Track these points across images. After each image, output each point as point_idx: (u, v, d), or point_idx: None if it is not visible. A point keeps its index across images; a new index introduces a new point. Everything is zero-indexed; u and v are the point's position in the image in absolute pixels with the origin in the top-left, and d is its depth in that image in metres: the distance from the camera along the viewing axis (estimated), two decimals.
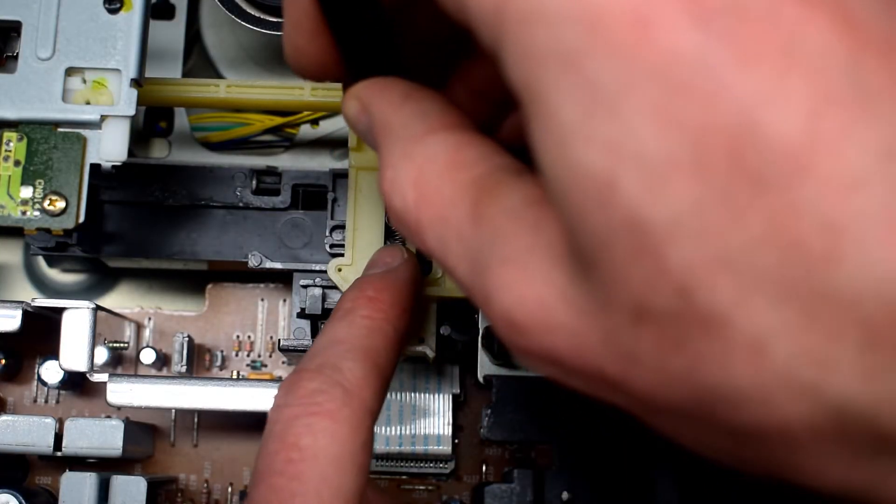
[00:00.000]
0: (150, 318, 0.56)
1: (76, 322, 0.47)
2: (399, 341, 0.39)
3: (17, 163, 0.45)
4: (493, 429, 0.44)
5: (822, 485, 0.24)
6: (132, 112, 0.45)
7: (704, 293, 0.23)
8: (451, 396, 0.52)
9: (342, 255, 0.49)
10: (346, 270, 0.49)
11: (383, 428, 0.51)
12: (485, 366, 0.46)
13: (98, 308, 0.48)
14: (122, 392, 0.47)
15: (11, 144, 0.45)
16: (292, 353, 0.50)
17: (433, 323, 0.48)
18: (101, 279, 0.59)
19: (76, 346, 0.47)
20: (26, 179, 0.45)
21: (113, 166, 0.45)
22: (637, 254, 0.23)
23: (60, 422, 0.49)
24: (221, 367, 0.56)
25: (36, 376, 0.54)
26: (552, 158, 0.25)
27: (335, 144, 0.57)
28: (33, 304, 0.48)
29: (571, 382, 0.27)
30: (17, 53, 0.46)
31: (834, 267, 0.22)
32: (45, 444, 0.48)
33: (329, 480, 0.32)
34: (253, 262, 0.51)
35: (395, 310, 0.39)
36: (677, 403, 0.25)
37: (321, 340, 0.37)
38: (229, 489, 0.54)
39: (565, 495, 0.43)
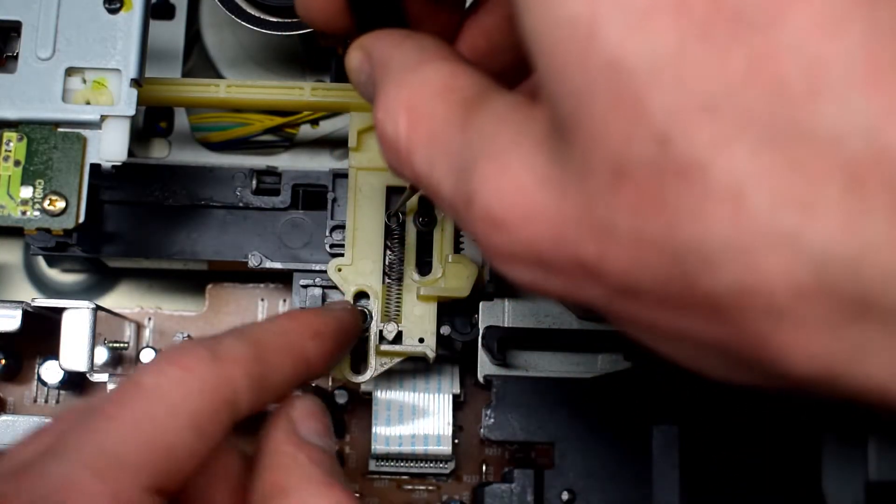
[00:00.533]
0: (150, 319, 0.56)
1: (76, 322, 0.47)
2: (298, 358, 0.37)
3: (17, 163, 0.45)
4: (493, 429, 0.44)
5: (801, 364, 0.23)
6: (132, 112, 0.45)
7: (684, 139, 0.22)
8: (451, 396, 0.51)
9: (342, 255, 0.49)
10: (346, 270, 0.49)
11: (383, 428, 0.51)
12: (485, 366, 0.46)
13: (98, 308, 0.48)
14: None
15: (11, 144, 0.45)
16: None
17: (433, 323, 0.48)
18: (101, 279, 0.59)
19: (76, 347, 0.47)
20: (26, 179, 0.45)
21: (113, 166, 0.45)
22: (617, 102, 0.23)
23: None
24: None
25: (36, 376, 0.54)
26: (533, 11, 0.25)
27: (335, 144, 0.57)
28: (33, 304, 0.48)
29: (550, 285, 0.27)
30: (17, 53, 0.46)
31: (816, 105, 0.21)
32: None
33: (154, 421, 0.31)
34: (253, 262, 0.51)
35: (307, 328, 0.38)
36: (654, 280, 0.24)
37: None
38: None
39: (565, 495, 0.43)
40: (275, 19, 0.52)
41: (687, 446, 0.43)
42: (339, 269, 0.49)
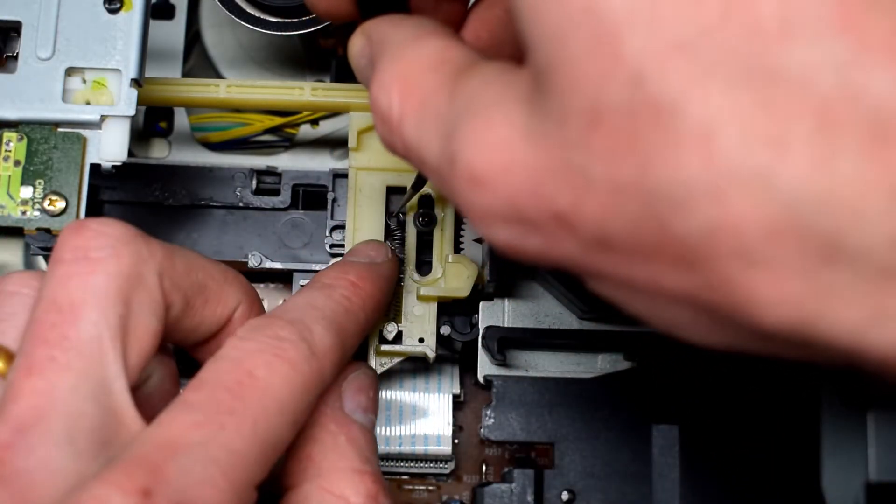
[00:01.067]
0: None
1: None
2: (363, 333, 0.39)
3: (17, 163, 0.45)
4: (493, 429, 0.44)
5: (771, 311, 0.23)
6: (132, 112, 0.45)
7: (658, 79, 0.22)
8: (450, 396, 0.52)
9: (342, 255, 0.49)
10: None
11: (383, 428, 0.51)
12: (485, 366, 0.46)
13: None
14: None
15: (11, 144, 0.45)
16: None
17: (433, 323, 0.48)
18: None
19: None
20: (26, 179, 0.45)
21: (113, 166, 0.45)
22: (593, 45, 0.23)
23: None
24: None
25: None
26: None
27: (335, 144, 0.57)
28: None
29: (528, 243, 0.27)
30: (17, 53, 0.46)
31: (788, 45, 0.21)
32: None
33: (268, 416, 0.32)
34: (253, 262, 0.51)
35: (370, 302, 0.39)
36: (627, 228, 0.24)
37: (297, 301, 0.38)
38: None
39: (565, 495, 0.43)
40: (275, 19, 0.52)
41: (687, 446, 0.43)
42: None
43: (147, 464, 0.29)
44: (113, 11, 0.46)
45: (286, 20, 0.51)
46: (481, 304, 0.47)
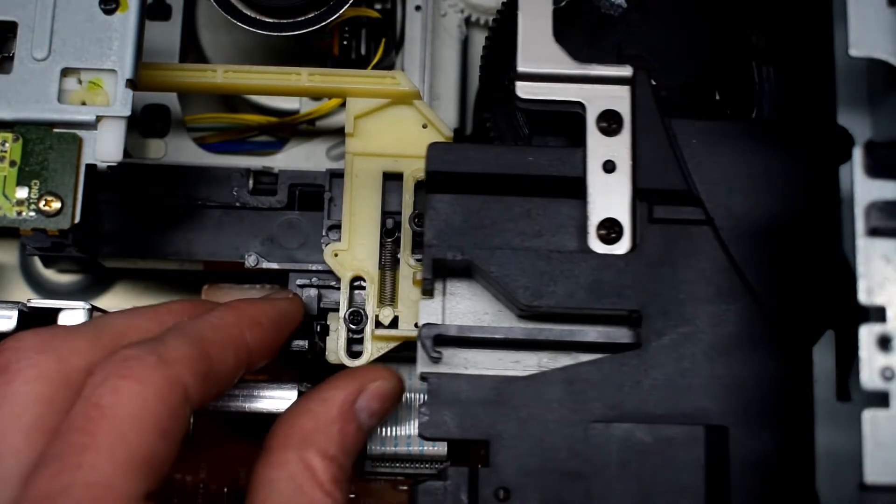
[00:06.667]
0: None
1: (72, 322, 0.47)
2: (247, 350, 0.41)
3: (12, 163, 0.45)
4: (428, 427, 0.44)
5: None
6: (128, 112, 0.45)
7: None
8: None
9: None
10: (343, 255, 0.49)
11: (382, 428, 0.51)
12: (423, 363, 0.46)
13: (94, 309, 0.48)
14: None
15: (7, 145, 0.45)
16: (288, 354, 0.50)
17: None
18: (97, 280, 0.59)
19: None
20: (22, 180, 0.45)
21: (109, 167, 0.45)
22: None
23: None
24: None
25: None
26: None
27: (332, 137, 0.57)
28: (29, 304, 0.48)
29: None
30: (13, 54, 0.46)
31: None
32: None
33: (126, 439, 0.33)
34: (249, 262, 0.51)
35: (250, 322, 0.41)
36: None
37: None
38: (225, 490, 0.54)
39: (501, 494, 0.43)
40: (270, 20, 0.52)
41: (626, 444, 0.43)
42: (336, 254, 0.49)
43: None
44: (108, 12, 0.46)
45: (282, 20, 0.51)
46: (420, 301, 0.47)
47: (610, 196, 0.46)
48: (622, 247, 0.45)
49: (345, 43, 0.58)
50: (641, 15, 0.50)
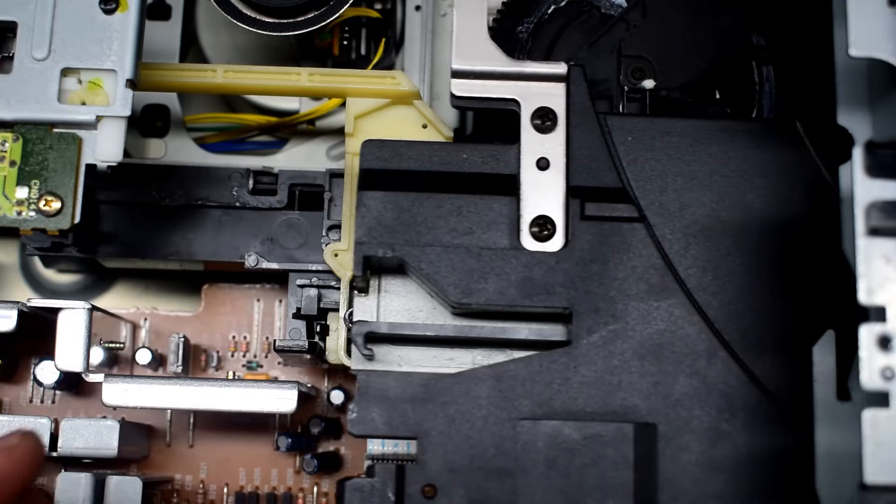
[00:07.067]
0: (145, 319, 0.56)
1: (72, 322, 0.47)
2: None
3: (12, 163, 0.45)
4: (356, 423, 0.44)
5: None
6: (128, 112, 0.45)
7: None
8: None
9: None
10: (343, 255, 0.49)
11: None
12: (356, 360, 0.45)
13: (94, 308, 0.48)
14: (118, 392, 0.47)
15: (7, 145, 0.45)
16: (288, 354, 0.50)
17: None
18: (97, 280, 0.59)
19: (72, 347, 0.47)
20: (22, 180, 0.45)
21: (108, 167, 0.45)
22: None
23: (56, 422, 0.49)
24: (217, 368, 0.56)
25: (32, 377, 0.54)
26: None
27: (332, 137, 0.57)
28: (29, 304, 0.48)
29: None
30: (13, 54, 0.46)
31: None
32: None
33: None
34: (249, 262, 0.51)
35: None
36: None
37: None
38: (225, 489, 0.54)
39: (427, 490, 0.43)
40: (270, 20, 0.52)
41: (554, 441, 0.43)
42: (336, 254, 0.49)
43: None
44: (108, 12, 0.46)
45: (282, 20, 0.51)
46: (355, 298, 0.47)
47: (543, 193, 0.46)
48: (555, 244, 0.45)
49: (345, 43, 0.58)
50: (641, 15, 0.50)
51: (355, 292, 0.47)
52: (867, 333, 0.37)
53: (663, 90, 0.48)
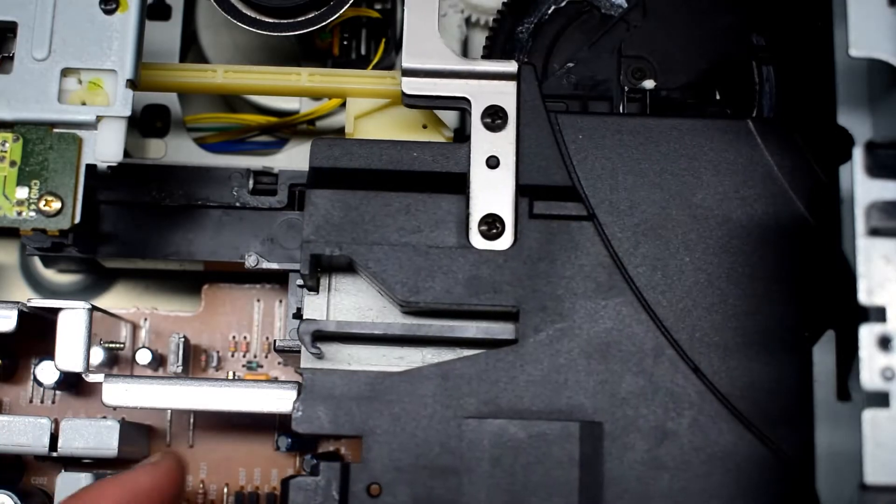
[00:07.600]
0: (146, 319, 0.56)
1: (72, 322, 0.47)
2: None
3: (12, 163, 0.45)
4: (301, 422, 0.44)
5: None
6: (128, 113, 0.45)
7: None
8: None
9: None
10: None
11: None
12: (304, 359, 0.45)
13: (94, 308, 0.48)
14: (118, 393, 0.47)
15: (7, 145, 0.45)
16: (288, 354, 0.50)
17: None
18: (98, 280, 0.59)
19: (72, 347, 0.47)
20: (22, 180, 0.45)
21: (109, 167, 0.45)
22: None
23: (56, 422, 0.49)
24: (217, 368, 0.56)
25: (32, 377, 0.54)
26: None
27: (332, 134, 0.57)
28: (29, 304, 0.48)
29: None
30: (13, 54, 0.46)
31: None
32: (40, 444, 0.48)
33: None
34: (249, 262, 0.51)
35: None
36: None
37: None
38: (225, 489, 0.54)
39: (372, 489, 0.43)
40: (270, 20, 0.52)
41: (499, 440, 0.43)
42: None
43: None
44: (108, 12, 0.46)
45: (282, 20, 0.51)
46: (305, 297, 0.47)
47: (493, 192, 0.46)
48: (504, 243, 0.45)
49: (345, 43, 0.58)
50: (642, 15, 0.50)
51: (305, 291, 0.46)
52: (867, 334, 0.37)
53: (664, 90, 0.48)
